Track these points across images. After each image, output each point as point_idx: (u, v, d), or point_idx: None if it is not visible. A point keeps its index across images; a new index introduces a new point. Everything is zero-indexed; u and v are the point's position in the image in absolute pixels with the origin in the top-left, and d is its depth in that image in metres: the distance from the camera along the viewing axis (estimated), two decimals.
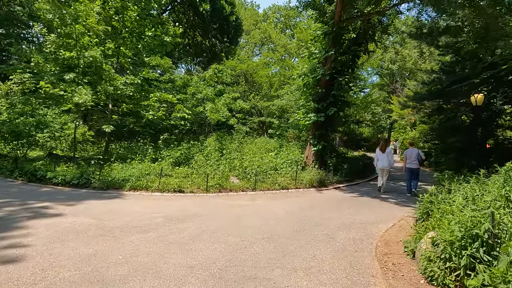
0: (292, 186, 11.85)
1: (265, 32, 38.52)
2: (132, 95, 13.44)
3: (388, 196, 11.17)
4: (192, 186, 10.68)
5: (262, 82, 25.21)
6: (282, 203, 9.31)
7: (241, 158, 14.04)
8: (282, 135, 22.52)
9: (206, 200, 9.37)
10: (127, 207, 8.01)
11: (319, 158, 14.65)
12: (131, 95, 13.25)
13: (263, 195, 10.46)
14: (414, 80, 22.57)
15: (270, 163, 13.95)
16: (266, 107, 23.99)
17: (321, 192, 11.58)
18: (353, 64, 14.93)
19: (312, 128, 14.83)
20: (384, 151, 11.43)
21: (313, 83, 14.84)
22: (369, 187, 13.18)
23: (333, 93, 13.92)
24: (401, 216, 8.18)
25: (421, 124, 22.97)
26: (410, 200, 10.46)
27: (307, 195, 10.77)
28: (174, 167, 12.89)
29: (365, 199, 10.38)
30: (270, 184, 11.56)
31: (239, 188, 10.97)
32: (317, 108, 14.32)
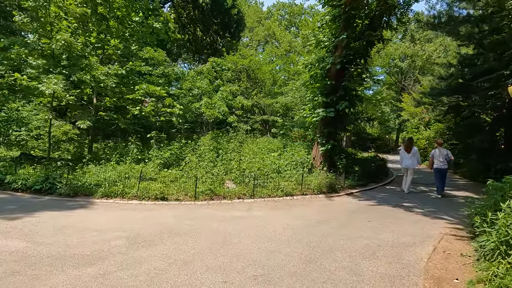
0: (297, 192, 9.97)
1: (269, 29, 36.68)
2: (115, 87, 11.66)
3: (412, 204, 9.24)
4: (178, 192, 8.85)
5: (265, 79, 23.35)
6: (285, 214, 7.43)
7: (239, 159, 12.18)
8: (286, 134, 20.62)
9: (192, 211, 7.52)
10: (87, 222, 6.19)
11: (328, 160, 12.74)
12: (114, 87, 11.47)
13: (263, 204, 8.59)
14: (430, 75, 20.61)
15: (272, 164, 12.08)
16: (269, 105, 22.13)
17: (332, 199, 9.68)
18: (366, 53, 12.99)
19: (320, 126, 12.92)
20: (409, 151, 10.78)
21: (321, 74, 12.95)
22: (386, 192, 11.24)
23: (344, 85, 12.01)
24: (438, 233, 6.29)
25: (436, 123, 20.95)
26: (439, 208, 8.59)
27: (315, 204, 8.88)
28: (163, 169, 11.08)
29: (386, 209, 8.46)
30: (271, 189, 9.69)
31: (235, 194, 9.11)
32: (326, 102, 12.42)
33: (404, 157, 10.90)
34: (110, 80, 11.30)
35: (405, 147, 10.99)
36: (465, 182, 14.53)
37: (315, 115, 12.57)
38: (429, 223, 7.14)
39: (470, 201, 6.89)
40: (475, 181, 14.44)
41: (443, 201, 9.82)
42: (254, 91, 22.07)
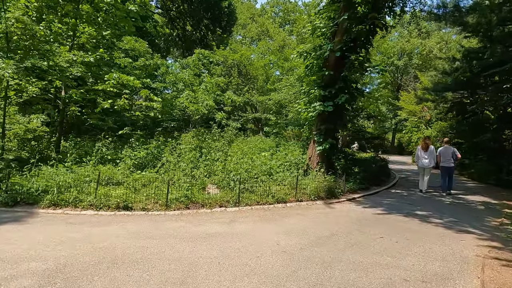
0: (291, 197, 8.37)
1: (263, 26, 35.11)
2: (84, 77, 9.98)
3: (427, 212, 7.69)
4: (147, 199, 7.19)
5: (257, 75, 21.78)
6: (276, 228, 5.82)
7: (225, 159, 10.55)
8: (279, 133, 19.05)
9: (158, 224, 5.88)
10: (4, 244, 4.51)
11: (326, 160, 11.17)
12: (79, 76, 9.77)
13: (249, 213, 6.97)
14: (433, 69, 19.17)
15: (263, 166, 10.48)
16: (262, 102, 20.54)
17: (332, 206, 8.09)
18: (368, 41, 11.45)
19: (317, 122, 11.35)
20: (426, 149, 10.50)
21: (317, 64, 11.40)
22: (393, 197, 9.69)
23: (344, 76, 10.46)
24: (474, 255, 4.76)
25: (437, 121, 19.50)
26: (459, 217, 7.09)
27: (313, 213, 7.28)
28: (136, 171, 9.41)
29: (398, 219, 6.90)
30: (260, 195, 8.08)
31: (216, 201, 7.48)
32: (324, 95, 10.86)
33: (421, 156, 10.55)
34: (75, 69, 9.60)
35: (421, 146, 10.69)
36: (475, 184, 13.05)
37: (311, 110, 11.00)
38: (455, 239, 5.58)
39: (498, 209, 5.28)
40: (485, 183, 12.97)
41: (461, 208, 8.29)
42: (245, 87, 20.46)
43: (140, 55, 14.89)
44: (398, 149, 35.53)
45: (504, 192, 11.13)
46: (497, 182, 12.41)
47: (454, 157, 10.24)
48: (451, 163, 10.25)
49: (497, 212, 8.05)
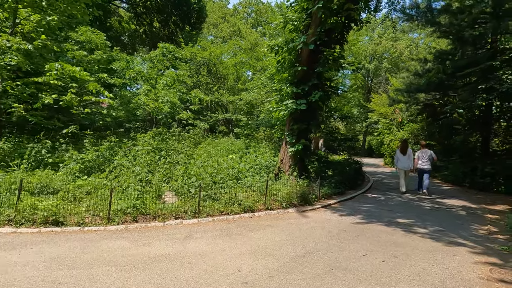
0: (260, 206, 7.33)
1: (234, 26, 34.03)
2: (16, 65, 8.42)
3: (408, 220, 6.90)
4: (87, 211, 5.89)
5: (228, 74, 20.66)
6: (239, 248, 4.74)
7: (188, 162, 9.34)
8: (251, 134, 18.03)
9: (91, 246, 4.62)
10: None
11: (299, 163, 10.27)
12: (13, 64, 8.23)
13: (210, 226, 5.85)
14: (405, 71, 18.90)
15: (230, 169, 9.37)
16: (232, 102, 19.44)
17: (306, 215, 7.12)
18: (342, 37, 10.71)
19: (289, 122, 10.43)
20: (405, 152, 10.57)
21: (289, 60, 10.50)
22: (370, 202, 8.89)
23: (318, 71, 9.61)
24: (476, 277, 3.96)
25: (409, 123, 19.26)
26: (444, 225, 6.36)
27: (284, 224, 6.26)
28: (82, 177, 8.01)
29: (380, 230, 6.03)
30: (225, 203, 6.97)
31: (172, 212, 6.29)
32: (296, 93, 9.96)
33: (400, 159, 10.63)
34: (8, 57, 8.07)
35: (400, 149, 10.74)
36: (450, 187, 12.63)
37: (283, 108, 10.08)
38: (448, 254, 4.76)
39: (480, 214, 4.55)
40: (460, 186, 12.57)
41: (443, 214, 7.60)
42: (215, 86, 19.29)
43: (97, 48, 13.35)
44: (368, 151, 35.63)
45: (479, 195, 10.70)
46: (471, 185, 12.03)
47: (431, 159, 10.34)
48: (428, 165, 10.29)
49: (480, 218, 7.43)
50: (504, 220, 7.22)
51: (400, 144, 11.18)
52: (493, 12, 12.79)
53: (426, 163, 10.28)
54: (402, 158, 10.61)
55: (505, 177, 11.15)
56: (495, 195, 10.78)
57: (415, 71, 16.86)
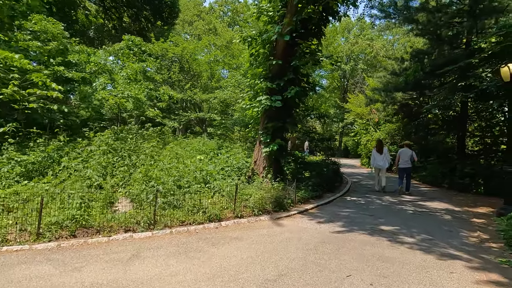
0: (229, 213, 6.42)
1: (210, 24, 32.98)
2: None
3: (393, 226, 6.21)
4: (13, 225, 4.76)
5: (201, 71, 19.57)
6: (195, 271, 3.82)
7: (150, 164, 8.27)
8: (225, 134, 17.09)
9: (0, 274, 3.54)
10: None
11: (274, 164, 9.45)
12: None
13: (165, 241, 4.87)
14: (383, 69, 18.55)
15: (198, 172, 8.39)
16: (206, 101, 18.39)
17: (280, 223, 6.27)
18: (319, 30, 9.99)
19: (263, 120, 9.59)
20: (381, 151, 10.64)
21: (264, 53, 9.66)
22: (350, 206, 8.17)
23: (294, 65, 8.82)
24: None
25: (386, 123, 18.94)
26: (431, 233, 5.71)
27: (255, 235, 5.38)
28: (23, 181, 6.79)
29: (362, 241, 5.27)
30: (187, 212, 6.01)
31: (122, 224, 5.26)
32: (271, 89, 9.15)
33: (377, 158, 10.69)
34: None
35: (376, 148, 10.83)
36: (428, 188, 12.20)
37: (257, 105, 9.21)
38: (443, 270, 4.04)
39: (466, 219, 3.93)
40: (439, 187, 12.18)
41: (427, 219, 6.99)
42: (187, 84, 18.17)
43: (54, 39, 11.98)
44: (345, 152, 35.48)
45: (460, 196, 10.29)
46: (450, 185, 11.64)
47: (411, 159, 10.40)
48: (409, 165, 10.39)
49: (466, 223, 6.86)
50: (491, 225, 6.69)
51: (376, 144, 11.27)
52: (470, 11, 12.53)
53: (407, 163, 10.34)
54: (378, 157, 10.69)
55: (484, 178, 10.81)
56: (475, 196, 10.40)
57: (393, 70, 16.52)
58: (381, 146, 10.84)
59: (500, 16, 12.38)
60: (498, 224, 6.69)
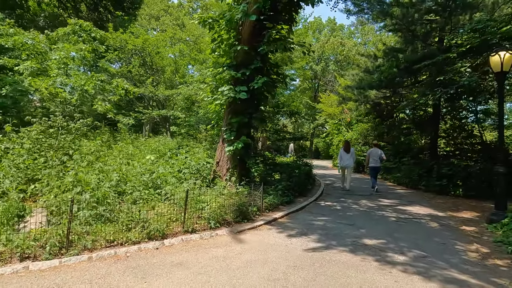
0: (177, 227, 5.03)
1: (178, 19, 31.22)
2: None
3: (377, 240, 5.10)
4: None
5: (165, 65, 17.94)
6: None
7: (83, 165, 6.69)
8: (189, 133, 15.57)
9: None
10: None
11: (239, 165, 8.18)
12: None
13: (76, 276, 3.42)
14: (356, 67, 17.81)
15: (147, 175, 6.93)
16: (169, 97, 16.77)
17: (242, 239, 4.97)
18: (290, 16, 8.85)
19: (227, 114, 8.30)
20: (348, 151, 10.74)
21: (227, 41, 8.37)
22: (325, 213, 7.03)
23: (262, 50, 7.59)
24: None
25: (358, 123, 18.23)
26: (423, 248, 4.61)
27: (206, 260, 4.05)
28: None
29: (344, 263, 4.10)
30: (121, 228, 4.56)
31: (18, 250, 3.71)
32: (236, 78, 7.87)
33: (344, 157, 10.73)
34: None
35: (344, 148, 10.88)
36: (405, 190, 11.42)
37: (219, 97, 7.88)
38: None
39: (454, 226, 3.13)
40: (415, 189, 11.41)
41: (414, 229, 5.97)
42: (149, 79, 16.47)
43: None
44: (315, 153, 34.91)
45: (438, 199, 9.50)
46: (427, 188, 10.87)
47: (380, 158, 10.62)
48: (379, 164, 10.70)
49: (457, 232, 5.91)
50: (484, 233, 5.77)
51: (343, 144, 11.38)
52: (444, 6, 11.93)
53: (377, 161, 10.62)
54: (345, 157, 10.72)
55: (462, 179, 10.11)
56: (453, 199, 9.65)
57: (366, 68, 15.78)
58: (349, 146, 10.89)
59: (475, 12, 11.90)
60: (491, 232, 5.81)
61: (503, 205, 6.25)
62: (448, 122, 13.68)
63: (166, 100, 17.44)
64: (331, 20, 35.23)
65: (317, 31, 34.27)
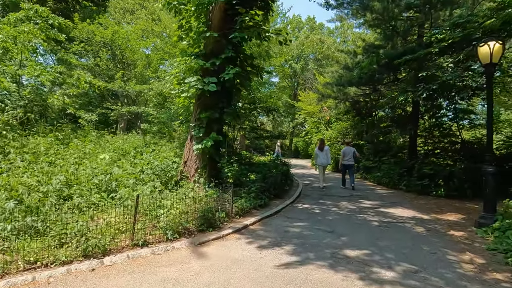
0: (125, 241, 4.15)
1: (154, 14, 29.81)
2: None
3: (360, 251, 4.45)
4: None
5: (136, 59, 16.80)
6: None
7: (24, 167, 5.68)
8: (161, 131, 14.56)
9: None
10: None
11: (209, 165, 7.36)
12: None
13: None
14: (335, 63, 17.28)
15: (100, 177, 5.99)
16: (141, 93, 15.67)
17: (203, 253, 4.16)
18: (266, 4, 8.10)
19: (196, 108, 7.47)
20: (322, 149, 10.78)
21: (197, 28, 7.54)
22: (302, 218, 6.32)
23: (234, 37, 6.81)
24: None
25: (337, 121, 17.74)
26: (415, 261, 3.98)
27: (151, 284, 3.19)
28: None
29: (324, 281, 3.38)
30: (52, 243, 3.63)
31: None
32: (205, 69, 7.04)
33: (319, 156, 10.81)
34: None
35: (318, 146, 11.00)
36: (385, 190, 10.92)
37: (186, 89, 7.03)
38: None
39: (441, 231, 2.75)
40: (395, 189, 10.93)
41: (400, 236, 5.33)
42: (118, 73, 15.30)
43: None
44: (295, 153, 34.41)
45: (421, 200, 9.02)
46: (408, 188, 10.41)
47: (354, 156, 10.71)
48: (352, 162, 10.72)
49: (446, 238, 5.33)
50: (475, 240, 5.22)
51: (318, 143, 11.46)
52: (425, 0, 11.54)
53: (350, 160, 10.65)
54: (321, 155, 10.76)
55: (444, 178, 9.69)
56: (435, 199, 9.18)
57: (345, 64, 15.26)
58: (323, 145, 10.95)
59: (455, 8, 11.59)
60: (482, 238, 5.28)
61: (492, 207, 5.73)
62: (427, 121, 13.36)
63: (138, 96, 16.31)
64: (311, 18, 34.88)
65: (297, 29, 33.79)
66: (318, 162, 10.88)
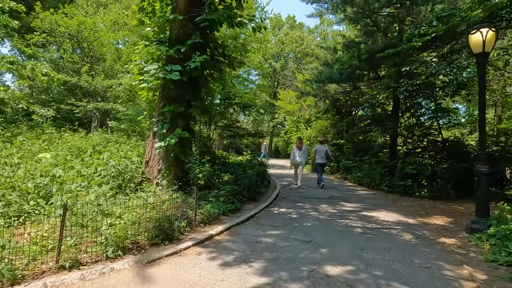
0: (48, 262, 3.21)
1: (128, 8, 28.43)
2: None
3: (344, 267, 3.71)
4: None
5: (105, 53, 15.60)
6: None
7: None
8: (132, 129, 13.46)
9: None
10: None
11: (174, 165, 6.48)
12: None
13: None
14: (315, 59, 16.67)
15: (41, 179, 5.00)
16: (110, 88, 14.49)
17: (149, 277, 3.30)
18: None
19: (160, 101, 6.57)
20: (300, 148, 10.59)
21: (161, 12, 6.66)
22: (277, 225, 5.56)
23: (201, 21, 5.97)
24: None
25: (317, 120, 17.16)
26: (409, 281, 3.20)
27: None
28: None
29: None
30: None
31: None
32: (169, 56, 6.19)
33: (296, 155, 10.64)
34: None
35: (296, 145, 10.85)
36: (366, 191, 10.36)
37: (146, 78, 6.12)
38: None
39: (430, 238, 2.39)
40: (377, 189, 10.39)
41: (386, 246, 4.64)
42: (85, 67, 14.07)
43: None
44: (275, 153, 33.78)
45: (404, 202, 8.48)
46: (390, 188, 9.88)
47: (326, 155, 10.94)
48: (324, 160, 10.95)
49: (437, 247, 4.71)
50: (469, 248, 4.62)
51: (296, 141, 11.27)
52: None
53: (323, 158, 10.83)
54: (298, 154, 10.62)
55: (427, 178, 9.19)
56: (418, 200, 8.69)
57: (325, 61, 14.67)
58: (301, 143, 10.84)
59: (437, 3, 11.19)
60: (477, 246, 4.68)
61: (485, 211, 5.16)
62: (407, 120, 12.95)
63: (106, 91, 15.12)
64: (291, 17, 34.40)
65: (277, 27, 33.20)
66: (295, 160, 10.67)
